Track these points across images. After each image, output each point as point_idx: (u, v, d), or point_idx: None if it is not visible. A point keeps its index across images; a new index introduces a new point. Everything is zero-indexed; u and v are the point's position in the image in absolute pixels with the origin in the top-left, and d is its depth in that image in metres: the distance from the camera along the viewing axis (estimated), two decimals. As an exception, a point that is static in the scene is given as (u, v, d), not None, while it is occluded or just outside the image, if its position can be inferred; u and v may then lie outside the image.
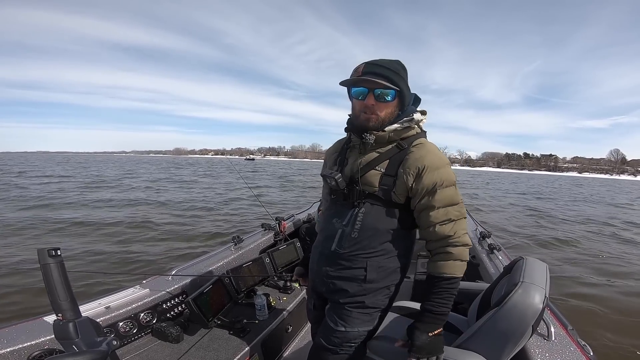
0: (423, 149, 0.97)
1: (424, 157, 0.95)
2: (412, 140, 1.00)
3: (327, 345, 1.08)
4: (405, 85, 0.96)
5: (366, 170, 1.01)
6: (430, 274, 0.98)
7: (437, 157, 0.96)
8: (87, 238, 5.51)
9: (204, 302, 1.58)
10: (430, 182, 0.93)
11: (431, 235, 0.96)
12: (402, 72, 0.96)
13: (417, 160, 0.95)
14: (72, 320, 0.77)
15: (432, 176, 0.93)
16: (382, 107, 0.96)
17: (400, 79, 0.94)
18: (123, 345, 1.43)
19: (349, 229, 1.02)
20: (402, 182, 0.96)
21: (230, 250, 2.19)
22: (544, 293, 0.92)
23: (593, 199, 18.41)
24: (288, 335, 1.87)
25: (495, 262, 2.00)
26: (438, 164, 0.95)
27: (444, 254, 0.94)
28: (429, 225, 0.96)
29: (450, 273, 0.93)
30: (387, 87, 0.92)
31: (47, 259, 0.76)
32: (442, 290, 0.94)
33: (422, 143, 0.99)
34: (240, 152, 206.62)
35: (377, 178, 0.99)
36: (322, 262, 1.10)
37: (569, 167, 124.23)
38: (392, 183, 0.97)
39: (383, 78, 0.92)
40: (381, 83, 0.91)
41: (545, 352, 1.08)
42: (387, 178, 0.98)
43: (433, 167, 0.94)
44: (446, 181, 0.94)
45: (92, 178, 17.85)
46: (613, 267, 5.00)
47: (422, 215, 0.97)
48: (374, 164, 1.00)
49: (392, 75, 0.92)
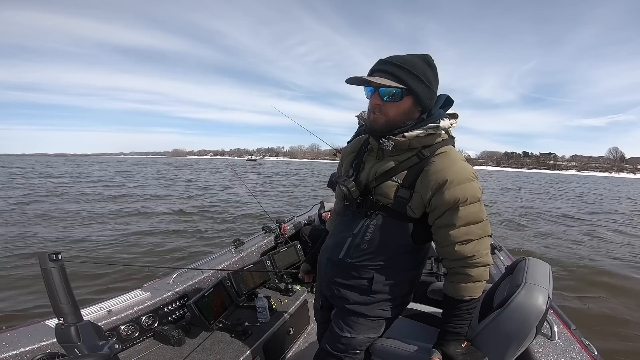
0: (446, 159, 0.87)
1: (446, 170, 0.85)
2: (436, 149, 0.90)
3: (332, 351, 1.07)
4: (419, 83, 0.85)
5: (382, 180, 0.94)
6: (448, 296, 0.93)
7: (462, 170, 0.86)
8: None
9: (205, 305, 1.57)
10: (452, 198, 0.84)
11: (450, 254, 0.89)
12: (420, 68, 0.85)
13: (438, 173, 0.85)
14: (74, 324, 0.77)
15: (455, 192, 0.84)
16: (392, 107, 0.88)
17: (412, 77, 0.84)
18: (125, 348, 1.43)
19: (358, 240, 0.97)
20: (420, 196, 0.88)
21: (231, 253, 2.18)
22: (547, 294, 0.92)
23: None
24: (290, 337, 1.86)
25: (497, 263, 2.00)
26: (462, 178, 0.85)
27: (463, 275, 0.88)
28: (448, 244, 0.89)
29: (470, 296, 0.89)
30: (390, 86, 0.84)
31: (48, 263, 0.76)
32: (462, 312, 0.91)
33: (446, 152, 0.89)
34: (239, 152, 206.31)
35: (393, 190, 0.92)
36: (329, 268, 1.06)
37: (568, 165, 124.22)
38: (408, 196, 0.90)
39: (388, 75, 0.85)
40: (376, 82, 0.84)
41: (549, 352, 1.07)
42: (404, 190, 0.90)
43: (456, 182, 0.84)
44: (470, 197, 0.84)
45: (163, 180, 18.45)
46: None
47: (440, 232, 0.90)
48: (391, 174, 0.93)
49: (399, 72, 0.84)
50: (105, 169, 31.65)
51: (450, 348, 0.91)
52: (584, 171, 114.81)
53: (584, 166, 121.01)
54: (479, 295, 0.91)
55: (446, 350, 0.90)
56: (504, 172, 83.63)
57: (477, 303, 0.92)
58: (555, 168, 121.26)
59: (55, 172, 24.32)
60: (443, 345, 0.92)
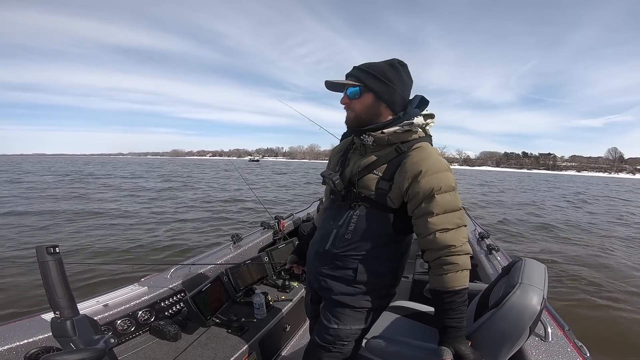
0: (421, 152, 0.95)
1: (421, 161, 0.92)
2: (413, 144, 0.98)
3: (321, 342, 1.10)
4: (374, 81, 0.96)
5: (364, 173, 1.01)
6: (438, 289, 0.92)
7: (436, 161, 0.93)
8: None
9: (202, 300, 1.58)
10: (427, 186, 0.90)
11: (431, 243, 0.92)
12: (378, 69, 0.97)
13: (414, 165, 0.93)
14: (70, 318, 0.77)
15: (430, 181, 0.90)
16: (357, 103, 1.00)
17: (368, 76, 0.96)
18: (121, 343, 1.43)
19: (343, 230, 1.04)
20: (398, 186, 0.95)
21: (229, 249, 2.19)
22: (542, 294, 0.92)
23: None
24: (286, 334, 1.87)
25: (494, 263, 2.01)
26: (436, 168, 0.92)
27: (449, 265, 0.90)
28: (428, 233, 0.92)
29: (461, 285, 0.90)
30: (351, 84, 0.98)
31: (46, 257, 0.76)
32: (457, 303, 0.90)
33: (422, 147, 0.97)
34: (239, 153, 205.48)
35: (374, 182, 0.99)
36: (317, 260, 1.12)
37: (568, 165, 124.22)
38: (388, 187, 0.97)
39: (352, 77, 0.99)
40: (339, 83, 0.99)
41: (542, 353, 1.08)
42: (384, 182, 0.98)
43: (431, 172, 0.91)
44: (445, 186, 0.91)
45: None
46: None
47: (420, 222, 0.94)
48: (372, 168, 1.00)
49: (359, 73, 0.98)
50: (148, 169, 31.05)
51: (461, 346, 0.89)
52: (583, 172, 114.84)
53: (584, 166, 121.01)
54: (467, 284, 0.91)
55: (458, 349, 0.88)
56: (504, 172, 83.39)
57: (466, 293, 0.92)
58: (555, 168, 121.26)
59: (106, 172, 24.91)
60: (452, 344, 0.89)
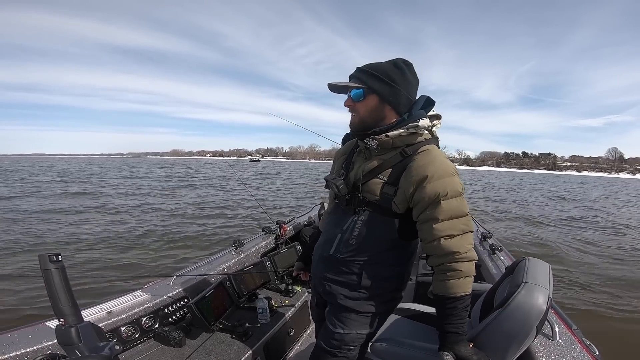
0: (428, 156, 0.91)
1: (427, 166, 0.89)
2: (418, 147, 0.95)
3: (326, 347, 1.08)
4: (378, 82, 0.93)
5: (369, 177, 0.99)
6: (440, 295, 0.92)
7: (442, 165, 0.90)
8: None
9: (205, 306, 1.57)
10: (433, 192, 0.87)
11: (435, 249, 0.91)
12: (382, 70, 0.93)
13: (419, 169, 0.90)
14: (75, 325, 0.77)
15: (435, 186, 0.87)
16: (361, 106, 0.97)
17: (371, 77, 0.93)
18: (125, 350, 1.43)
19: (347, 235, 1.02)
20: (403, 191, 0.92)
21: (231, 254, 2.18)
22: (547, 293, 0.92)
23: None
24: (290, 338, 1.86)
25: (497, 263, 2.00)
26: (442, 172, 0.89)
27: (453, 271, 0.89)
28: (433, 239, 0.90)
29: (463, 292, 0.89)
30: (355, 87, 0.95)
31: (49, 265, 0.76)
32: (458, 309, 0.90)
33: (428, 150, 0.93)
34: (238, 153, 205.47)
35: (378, 187, 0.96)
36: (321, 264, 1.11)
37: (568, 165, 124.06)
38: (393, 192, 0.94)
39: (355, 79, 0.96)
40: (342, 85, 0.96)
41: (550, 353, 1.07)
42: (389, 187, 0.95)
43: (436, 177, 0.88)
44: (451, 191, 0.88)
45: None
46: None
47: (425, 228, 0.92)
48: (377, 172, 0.98)
49: (362, 75, 0.94)
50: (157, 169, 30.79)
51: (462, 348, 0.89)
52: (583, 172, 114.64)
53: (584, 166, 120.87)
54: (470, 291, 0.91)
55: (458, 352, 0.89)
56: (504, 172, 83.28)
57: (469, 298, 0.92)
58: (555, 168, 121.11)
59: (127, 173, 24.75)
60: (452, 348, 0.90)
